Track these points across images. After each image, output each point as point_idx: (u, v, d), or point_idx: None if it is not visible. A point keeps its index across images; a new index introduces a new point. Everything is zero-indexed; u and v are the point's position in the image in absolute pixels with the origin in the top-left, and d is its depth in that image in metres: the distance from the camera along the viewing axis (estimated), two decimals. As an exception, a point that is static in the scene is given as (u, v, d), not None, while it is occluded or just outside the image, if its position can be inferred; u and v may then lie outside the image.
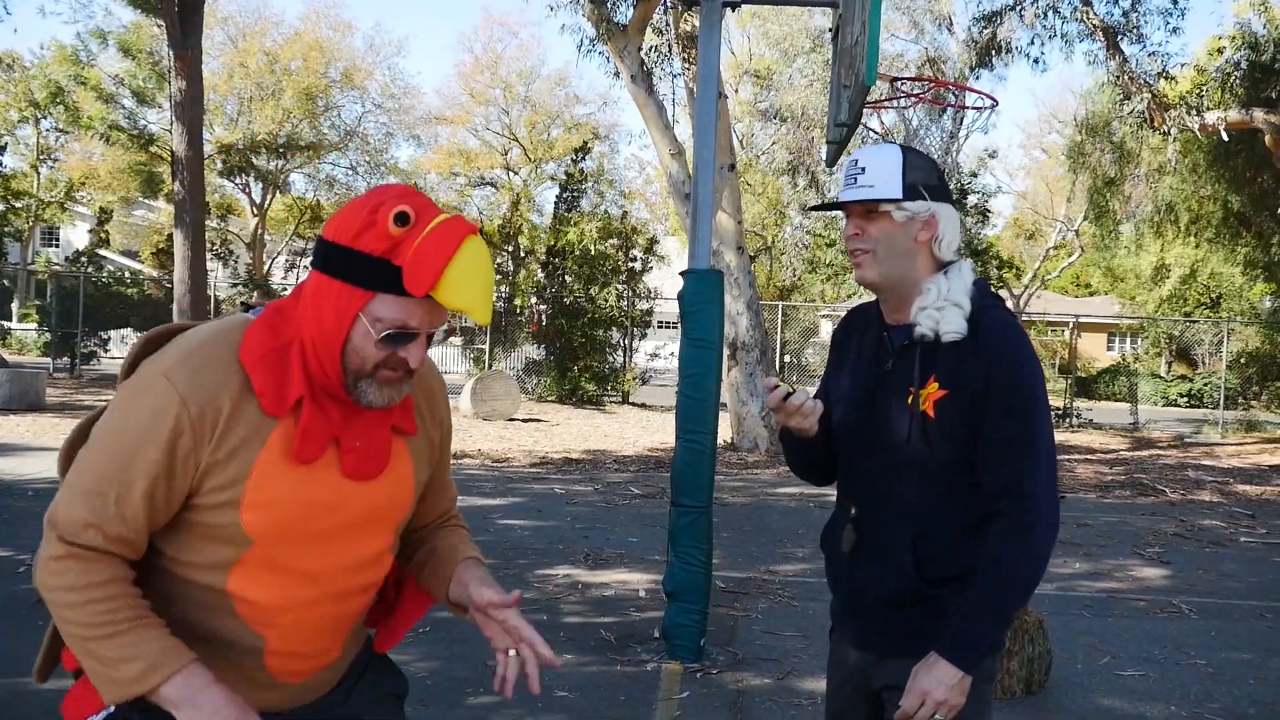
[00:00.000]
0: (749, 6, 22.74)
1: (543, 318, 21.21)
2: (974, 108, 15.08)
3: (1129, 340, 40.03)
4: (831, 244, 30.86)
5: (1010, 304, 29.17)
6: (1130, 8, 16.25)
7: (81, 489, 1.42)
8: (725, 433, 13.95)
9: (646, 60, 13.93)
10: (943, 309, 1.90)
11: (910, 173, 1.92)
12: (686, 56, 14.22)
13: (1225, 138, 16.44)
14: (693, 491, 4.86)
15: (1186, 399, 29.05)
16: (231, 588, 1.48)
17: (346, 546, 1.53)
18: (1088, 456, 15.12)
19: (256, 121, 29.82)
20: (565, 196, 23.46)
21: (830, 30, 6.05)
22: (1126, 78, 16.20)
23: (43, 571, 1.42)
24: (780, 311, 25.33)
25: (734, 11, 5.98)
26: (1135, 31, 16.26)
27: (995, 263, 21.80)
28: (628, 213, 26.66)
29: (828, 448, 2.09)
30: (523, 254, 32.28)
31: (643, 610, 5.67)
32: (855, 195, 1.94)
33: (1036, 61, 16.98)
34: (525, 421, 16.96)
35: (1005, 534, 1.85)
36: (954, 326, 1.89)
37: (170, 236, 17.77)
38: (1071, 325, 24.46)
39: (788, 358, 28.26)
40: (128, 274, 31.05)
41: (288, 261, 31.45)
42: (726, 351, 13.25)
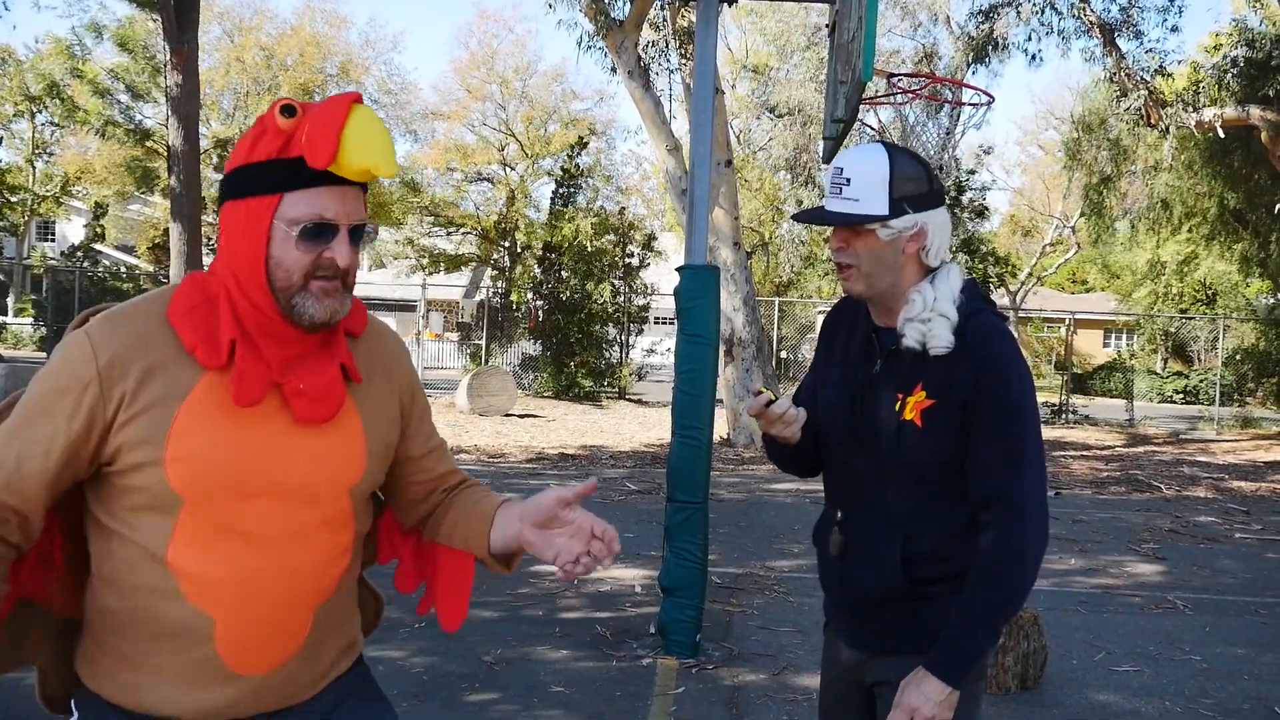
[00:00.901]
0: (746, 2, 22.74)
1: (539, 313, 21.19)
2: (970, 104, 15.08)
3: (1125, 337, 40.11)
4: (829, 240, 30.79)
5: (1006, 301, 29.29)
6: (1128, 4, 16.25)
7: None
8: (721, 428, 13.97)
9: (643, 56, 13.90)
10: (929, 321, 1.86)
11: (898, 185, 1.84)
12: (683, 52, 14.21)
13: (1221, 135, 16.47)
14: (689, 487, 4.86)
15: (1182, 395, 29.11)
16: (172, 558, 1.44)
17: (291, 507, 1.48)
18: (1083, 453, 15.14)
19: (253, 116, 29.75)
20: (562, 192, 23.47)
21: (827, 26, 6.05)
22: (1123, 74, 16.21)
23: None
24: (777, 307, 25.32)
25: (731, 7, 5.97)
26: (1132, 28, 16.27)
27: (991, 259, 21.77)
28: (625, 208, 26.63)
29: (814, 447, 2.07)
30: (519, 249, 32.26)
31: (639, 606, 5.68)
32: (839, 209, 1.88)
33: (1033, 58, 16.90)
34: (521, 417, 16.96)
35: (995, 545, 1.83)
36: (941, 341, 1.85)
37: (166, 231, 17.74)
38: (1068, 322, 24.47)
39: (784, 354, 28.26)
40: (123, 269, 31.07)
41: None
42: (723, 347, 13.25)
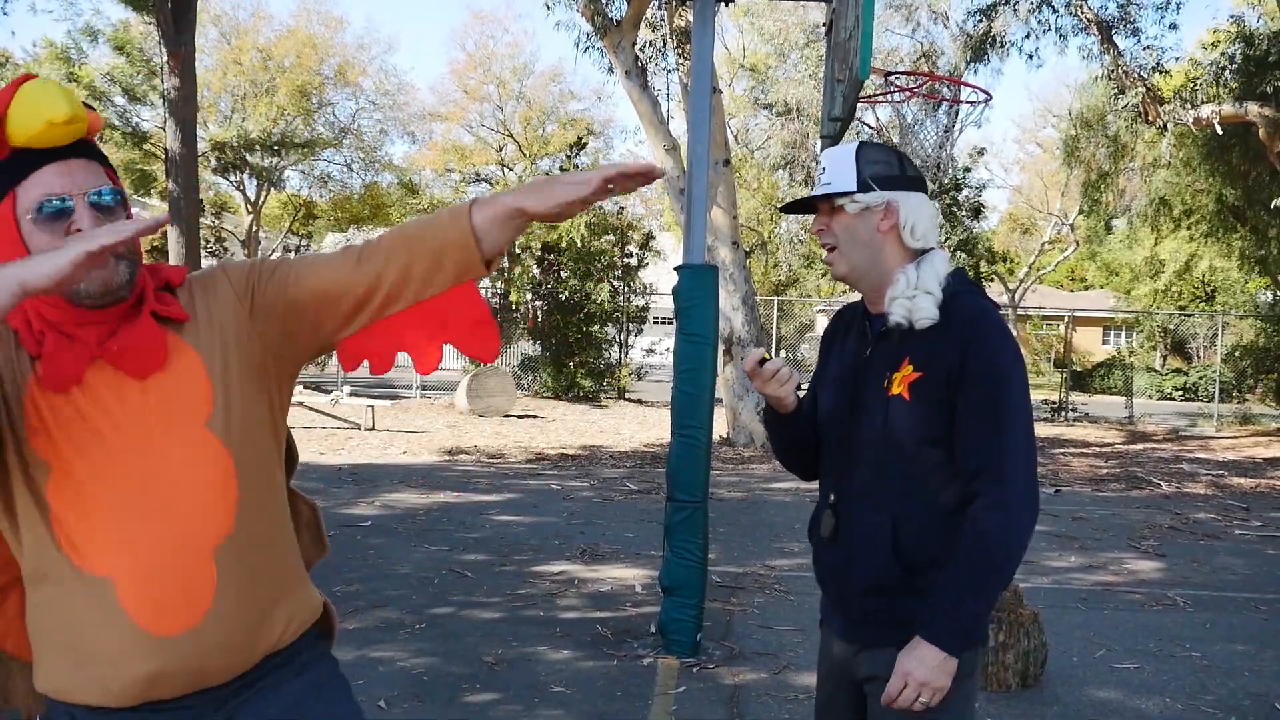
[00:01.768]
0: (743, 1, 22.74)
1: (538, 314, 21.19)
2: (968, 102, 15.09)
3: (1124, 334, 40.12)
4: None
5: (1005, 298, 29.30)
6: (1125, 1, 16.26)
7: None
8: (721, 428, 13.97)
9: (641, 56, 13.91)
10: (914, 297, 1.95)
11: (865, 167, 2.01)
12: (681, 52, 14.21)
13: (1219, 131, 16.47)
14: (688, 486, 4.86)
15: (1181, 392, 29.11)
16: (56, 529, 1.50)
17: (156, 452, 1.53)
18: (1083, 450, 15.14)
19: (251, 118, 29.71)
20: (560, 192, 23.40)
21: (824, 25, 6.05)
22: (1121, 72, 16.22)
23: None
24: (776, 307, 25.31)
25: (727, 6, 5.97)
26: (1130, 25, 16.28)
27: (987, 256, 21.78)
28: (623, 208, 26.62)
29: (816, 446, 2.14)
30: (518, 250, 32.25)
31: (639, 605, 5.68)
32: (815, 192, 2.04)
33: (1031, 56, 16.94)
34: (521, 418, 16.96)
35: (984, 512, 1.86)
36: (926, 313, 1.93)
37: (164, 234, 17.72)
38: (1067, 319, 24.48)
39: (783, 353, 28.26)
40: (122, 271, 30.89)
41: (282, 258, 31.33)
42: (721, 347, 13.25)
